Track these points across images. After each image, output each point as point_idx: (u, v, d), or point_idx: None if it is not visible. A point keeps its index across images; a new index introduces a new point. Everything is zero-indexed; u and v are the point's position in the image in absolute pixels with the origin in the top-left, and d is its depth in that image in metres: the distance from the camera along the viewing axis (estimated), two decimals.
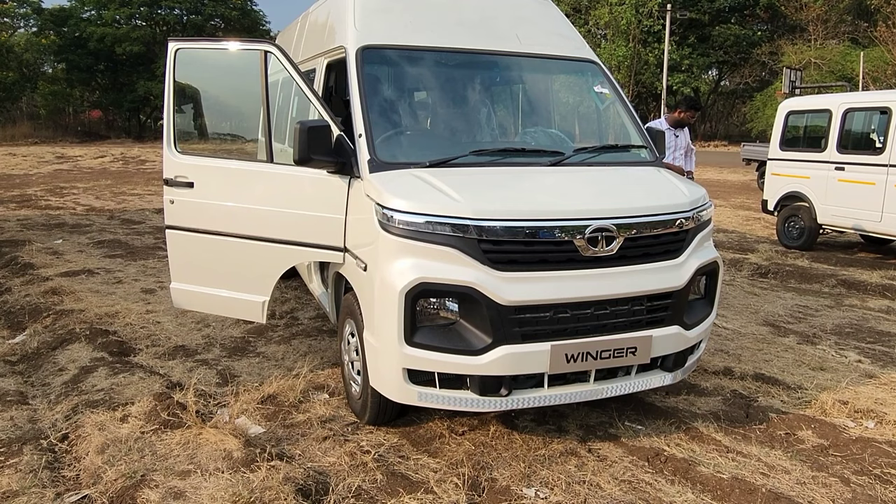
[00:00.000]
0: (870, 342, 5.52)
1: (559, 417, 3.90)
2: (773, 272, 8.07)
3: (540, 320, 3.17)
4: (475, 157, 3.69)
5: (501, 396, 3.21)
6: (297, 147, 3.42)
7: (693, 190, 3.75)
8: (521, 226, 3.13)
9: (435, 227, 3.11)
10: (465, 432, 3.73)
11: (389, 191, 3.25)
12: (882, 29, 28.96)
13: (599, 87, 4.50)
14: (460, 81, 4.24)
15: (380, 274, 3.22)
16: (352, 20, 4.04)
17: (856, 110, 8.78)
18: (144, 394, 4.09)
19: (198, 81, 4.27)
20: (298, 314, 5.97)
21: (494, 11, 4.50)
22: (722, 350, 5.17)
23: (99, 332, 5.26)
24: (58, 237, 9.65)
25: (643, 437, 3.71)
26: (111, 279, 7.16)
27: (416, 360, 3.15)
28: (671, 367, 3.56)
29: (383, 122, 3.77)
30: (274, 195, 3.86)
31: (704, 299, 3.80)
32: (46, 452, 3.49)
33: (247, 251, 3.95)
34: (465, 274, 3.07)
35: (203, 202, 4.03)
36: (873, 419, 3.99)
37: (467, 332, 3.16)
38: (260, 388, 4.27)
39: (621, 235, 3.27)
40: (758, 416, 4.01)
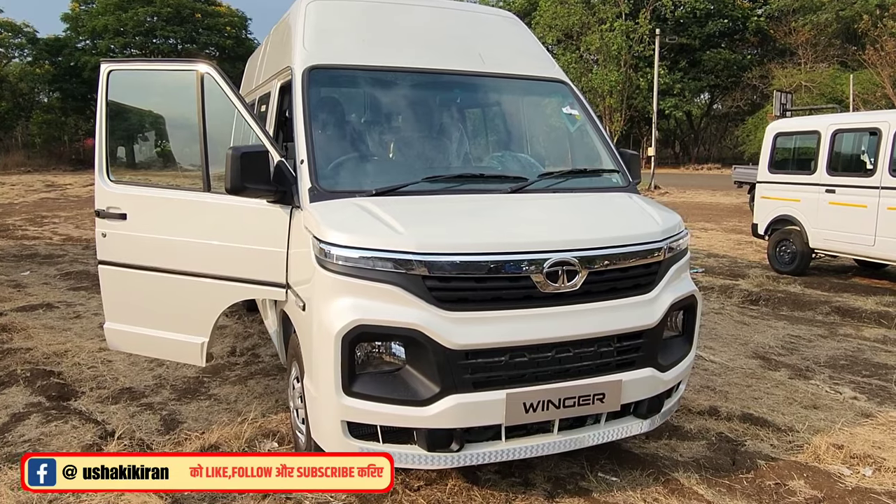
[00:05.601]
0: (865, 375, 5.18)
1: (526, 468, 3.54)
2: (765, 299, 7.75)
3: (494, 365, 2.84)
4: (428, 184, 3.38)
5: (452, 452, 2.86)
6: (230, 175, 3.11)
7: (667, 217, 3.44)
8: (471, 260, 2.81)
9: (375, 263, 2.79)
10: (421, 487, 3.37)
11: (327, 223, 2.94)
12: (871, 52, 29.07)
13: (569, 108, 4.22)
14: (417, 103, 3.96)
15: (317, 315, 2.89)
16: (300, 39, 3.78)
17: (845, 132, 8.56)
18: (72, 445, 3.74)
19: (133, 105, 3.99)
20: (260, 350, 5.62)
21: (457, 29, 4.25)
22: (708, 386, 4.83)
23: (41, 374, 4.91)
24: (26, 269, 9.32)
25: (617, 490, 3.35)
26: (69, 314, 6.82)
27: (355, 411, 2.81)
28: (645, 413, 3.21)
29: (329, 147, 3.48)
30: (211, 227, 3.55)
31: (682, 337, 3.47)
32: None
33: (183, 288, 3.63)
34: (409, 315, 2.75)
35: (136, 235, 3.71)
36: (870, 465, 3.64)
37: (413, 379, 2.82)
38: (203, 435, 3.91)
39: (584, 269, 2.96)
40: (745, 464, 3.67)
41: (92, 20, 40.88)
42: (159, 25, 41.26)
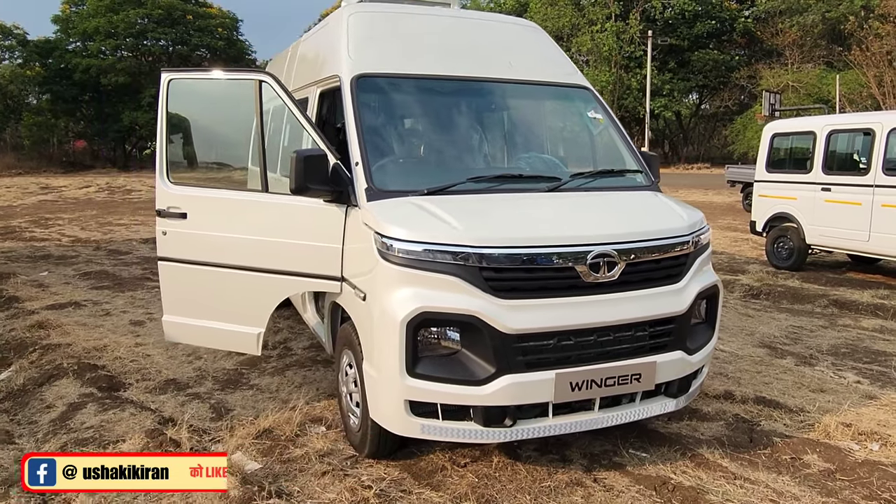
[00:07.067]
0: (866, 362, 5.52)
1: (563, 447, 3.83)
2: (766, 293, 8.10)
3: (544, 348, 3.12)
4: (472, 183, 3.66)
5: (506, 427, 3.15)
6: (294, 176, 3.38)
7: (691, 213, 3.75)
8: (522, 253, 3.10)
9: (435, 256, 3.07)
10: (468, 464, 3.65)
11: (388, 219, 3.21)
12: (857, 52, 29.67)
13: (593, 112, 4.51)
14: (454, 108, 4.23)
15: (379, 304, 3.16)
16: (345, 49, 4.04)
17: (839, 132, 8.92)
18: (136, 430, 3.97)
19: (190, 111, 4.23)
20: (291, 344, 5.87)
21: (486, 39, 4.52)
22: (721, 373, 5.14)
23: (87, 367, 5.13)
24: (43, 269, 9.48)
25: (649, 465, 3.65)
26: (99, 311, 7.03)
27: (418, 391, 3.08)
28: (675, 393, 3.52)
29: (379, 150, 3.75)
30: (269, 225, 3.81)
31: (706, 324, 3.78)
32: (34, 496, 3.36)
33: (241, 282, 3.88)
34: (468, 302, 3.03)
35: (196, 233, 3.96)
36: (878, 441, 3.96)
37: (470, 361, 3.10)
38: (255, 421, 4.16)
39: (623, 261, 3.25)
40: (762, 441, 3.97)
41: (83, 22, 40.70)
42: (150, 27, 41.15)
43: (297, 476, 3.54)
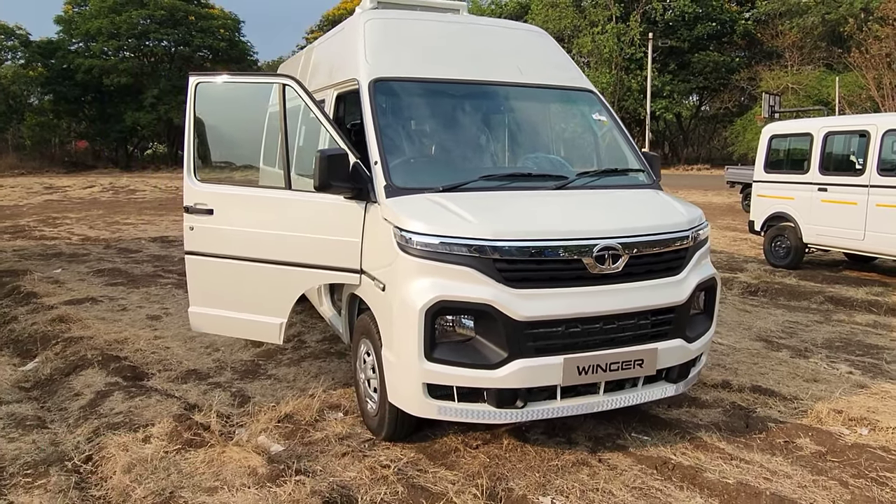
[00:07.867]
0: (859, 355, 5.74)
1: (568, 430, 4.05)
2: (763, 290, 8.32)
3: (553, 335, 3.34)
4: (485, 181, 3.89)
5: (517, 409, 3.36)
6: (318, 174, 3.60)
7: (691, 210, 3.97)
8: (533, 245, 3.32)
9: (452, 248, 3.29)
10: (480, 446, 3.87)
11: (407, 214, 3.43)
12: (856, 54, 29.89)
13: (597, 114, 4.74)
14: (466, 110, 4.46)
15: (399, 293, 3.38)
16: (363, 54, 4.26)
17: (836, 134, 9.15)
18: (164, 415, 4.19)
19: (216, 113, 4.45)
20: (305, 337, 6.08)
21: (496, 44, 4.75)
22: (719, 364, 5.36)
23: (111, 358, 5.35)
24: (57, 266, 9.70)
25: (650, 446, 3.86)
26: (115, 307, 7.24)
27: (435, 374, 3.30)
28: (675, 378, 3.74)
29: (396, 150, 3.97)
30: (292, 220, 4.03)
31: (704, 314, 4.00)
32: (73, 473, 3.58)
33: (265, 275, 4.10)
34: (482, 292, 3.25)
35: (222, 228, 4.19)
36: (867, 426, 4.18)
37: (484, 347, 3.32)
38: (276, 408, 4.38)
39: (626, 254, 3.47)
40: (757, 426, 4.19)
41: (85, 23, 40.98)
42: (153, 28, 41.39)
43: (319, 457, 3.76)
